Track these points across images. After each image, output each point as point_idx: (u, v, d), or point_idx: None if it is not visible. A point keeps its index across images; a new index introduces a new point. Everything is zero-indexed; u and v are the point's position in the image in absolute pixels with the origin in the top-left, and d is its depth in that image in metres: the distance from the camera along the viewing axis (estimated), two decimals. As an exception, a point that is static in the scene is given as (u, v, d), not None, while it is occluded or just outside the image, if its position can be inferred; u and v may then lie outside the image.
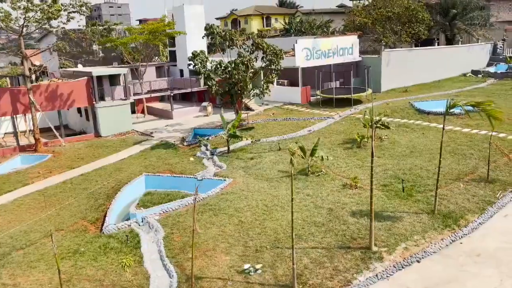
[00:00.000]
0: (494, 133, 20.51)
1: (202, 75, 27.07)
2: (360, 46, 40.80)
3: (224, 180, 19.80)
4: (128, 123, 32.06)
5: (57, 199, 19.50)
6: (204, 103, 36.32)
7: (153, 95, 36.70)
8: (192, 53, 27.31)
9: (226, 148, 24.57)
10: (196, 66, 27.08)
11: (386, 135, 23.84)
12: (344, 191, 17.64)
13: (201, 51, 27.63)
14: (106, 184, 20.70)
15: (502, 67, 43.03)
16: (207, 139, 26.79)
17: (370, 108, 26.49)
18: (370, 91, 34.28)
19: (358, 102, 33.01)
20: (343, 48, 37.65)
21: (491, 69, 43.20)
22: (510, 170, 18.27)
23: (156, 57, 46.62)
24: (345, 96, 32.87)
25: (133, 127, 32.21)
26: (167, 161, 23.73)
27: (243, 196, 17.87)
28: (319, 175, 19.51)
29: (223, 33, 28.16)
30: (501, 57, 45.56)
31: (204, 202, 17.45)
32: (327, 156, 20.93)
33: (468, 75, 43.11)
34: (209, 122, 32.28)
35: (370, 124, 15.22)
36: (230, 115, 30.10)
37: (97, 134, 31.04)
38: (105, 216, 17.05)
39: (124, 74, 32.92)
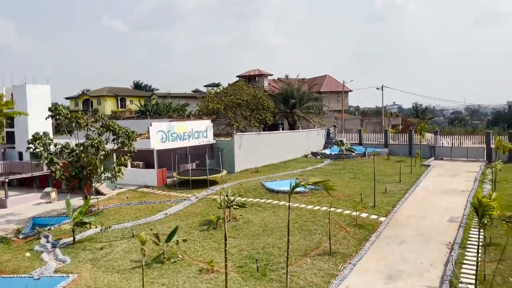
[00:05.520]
0: (332, 209, 22.93)
1: (45, 159, 24.75)
2: (215, 129, 42.92)
3: (67, 276, 17.51)
4: None
5: None
6: (47, 189, 32.74)
7: (-18, 181, 31.85)
8: (33, 136, 25.02)
9: (71, 239, 22.11)
10: (37, 150, 24.74)
11: (241, 215, 24.55)
12: (200, 276, 17.15)
13: (44, 133, 25.53)
14: None
15: (335, 150, 49.49)
16: (49, 229, 23.85)
17: (224, 189, 27.29)
18: (225, 172, 35.61)
19: (214, 183, 33.79)
20: (198, 131, 39.05)
21: (327, 151, 49.32)
22: (348, 242, 20.30)
23: (-11, 139, 41.30)
24: (201, 178, 33.40)
25: (-49, 220, 26.96)
26: (-5, 260, 20.13)
27: (89, 293, 15.96)
28: (175, 261, 18.74)
29: (69, 114, 26.72)
30: (333, 141, 52.52)
31: (41, 306, 15.02)
32: (183, 240, 20.45)
33: (308, 156, 48.40)
34: (52, 209, 28.97)
35: (223, 205, 15.58)
36: (78, 201, 27.60)
37: None
38: None
39: None
